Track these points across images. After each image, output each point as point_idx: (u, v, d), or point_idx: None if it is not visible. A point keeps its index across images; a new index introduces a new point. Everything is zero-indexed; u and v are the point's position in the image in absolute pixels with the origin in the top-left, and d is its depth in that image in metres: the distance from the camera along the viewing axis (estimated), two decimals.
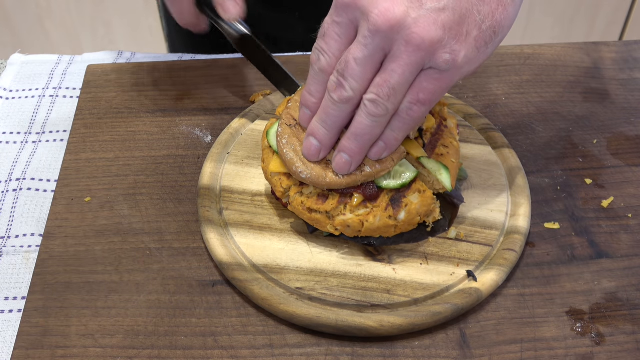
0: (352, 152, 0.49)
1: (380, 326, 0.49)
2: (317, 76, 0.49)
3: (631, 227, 0.58)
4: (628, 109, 0.69)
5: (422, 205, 0.52)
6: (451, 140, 0.56)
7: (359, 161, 0.50)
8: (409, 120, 0.48)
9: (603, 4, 1.84)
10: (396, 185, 0.52)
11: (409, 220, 0.52)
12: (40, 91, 0.72)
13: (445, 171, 0.53)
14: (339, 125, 0.50)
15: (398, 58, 0.45)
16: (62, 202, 0.60)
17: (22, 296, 0.54)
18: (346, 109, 0.48)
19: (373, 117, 0.47)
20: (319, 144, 0.51)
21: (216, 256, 0.54)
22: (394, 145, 0.50)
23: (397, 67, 0.45)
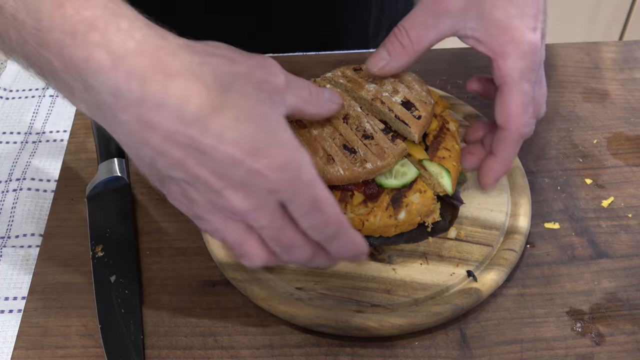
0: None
1: (380, 326, 0.49)
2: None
3: (631, 227, 0.58)
4: (628, 109, 0.69)
5: (423, 205, 0.52)
6: (453, 144, 0.56)
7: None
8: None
9: (603, 4, 1.85)
10: (397, 185, 0.52)
11: (409, 220, 0.52)
12: (40, 91, 0.72)
13: (447, 174, 0.53)
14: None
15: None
16: (62, 202, 0.60)
17: (22, 296, 0.54)
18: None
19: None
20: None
21: (216, 256, 0.54)
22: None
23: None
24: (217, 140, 0.39)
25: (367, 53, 0.77)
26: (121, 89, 0.38)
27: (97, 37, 0.37)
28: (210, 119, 0.38)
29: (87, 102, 0.40)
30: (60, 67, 0.38)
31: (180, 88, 0.38)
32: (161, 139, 0.39)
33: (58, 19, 0.37)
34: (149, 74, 0.38)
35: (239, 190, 0.41)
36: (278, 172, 0.40)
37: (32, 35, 0.38)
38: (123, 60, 0.37)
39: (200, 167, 0.40)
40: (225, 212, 0.43)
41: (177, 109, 0.38)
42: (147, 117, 0.38)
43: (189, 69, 0.38)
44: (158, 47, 0.38)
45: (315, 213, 0.43)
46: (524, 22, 0.50)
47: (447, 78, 0.72)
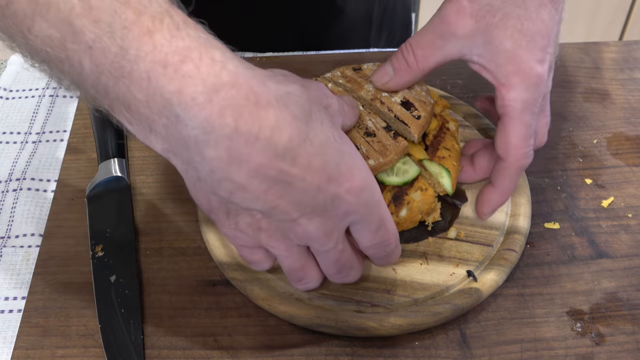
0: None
1: (380, 326, 0.49)
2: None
3: (631, 227, 0.58)
4: (628, 109, 0.69)
5: (424, 203, 0.52)
6: (453, 143, 0.56)
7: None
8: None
9: (603, 4, 1.85)
10: (399, 182, 0.52)
11: (410, 217, 0.52)
12: (40, 91, 0.72)
13: (447, 174, 0.53)
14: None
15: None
16: (62, 202, 0.60)
17: (22, 296, 0.54)
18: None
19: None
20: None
21: (216, 256, 0.54)
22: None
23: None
24: (305, 170, 0.39)
25: (367, 53, 0.77)
26: (214, 123, 0.36)
27: (191, 69, 0.35)
28: (300, 149, 0.38)
29: (168, 137, 0.38)
30: (143, 98, 0.36)
31: (272, 119, 0.37)
32: (249, 172, 0.38)
33: (148, 49, 0.35)
34: (243, 107, 0.36)
35: (315, 216, 0.41)
36: (357, 195, 0.41)
37: (113, 64, 0.35)
38: (218, 93, 0.36)
39: (282, 197, 0.39)
40: (294, 238, 0.43)
41: (269, 141, 0.37)
42: (238, 151, 0.37)
43: (277, 99, 0.38)
44: (250, 78, 0.37)
45: (381, 230, 0.45)
46: (532, 53, 0.50)
47: (447, 78, 0.72)
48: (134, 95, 0.36)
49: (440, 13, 0.52)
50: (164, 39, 0.35)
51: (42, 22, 0.35)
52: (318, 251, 0.45)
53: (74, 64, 0.36)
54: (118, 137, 0.63)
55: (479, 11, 0.50)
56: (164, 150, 0.39)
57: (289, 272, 0.47)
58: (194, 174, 0.39)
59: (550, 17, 0.50)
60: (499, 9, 0.49)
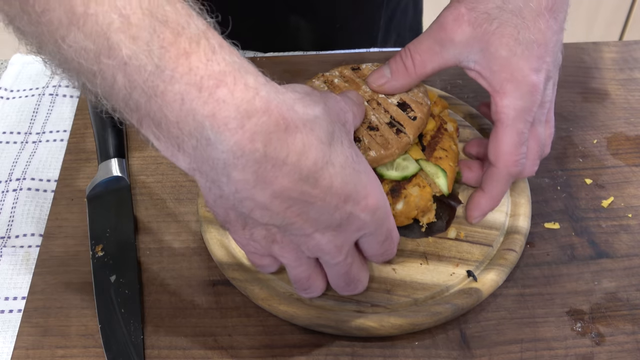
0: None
1: (380, 326, 0.49)
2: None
3: (631, 227, 0.58)
4: (628, 109, 0.69)
5: (421, 199, 0.53)
6: (450, 144, 0.56)
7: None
8: None
9: (603, 4, 1.85)
10: (398, 177, 0.52)
11: (406, 212, 0.52)
12: (40, 90, 0.72)
13: (443, 175, 0.53)
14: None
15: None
16: (62, 202, 0.60)
17: (22, 296, 0.54)
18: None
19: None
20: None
21: (216, 256, 0.54)
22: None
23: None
24: (325, 191, 0.40)
25: (367, 53, 0.77)
26: (244, 148, 0.36)
27: (226, 94, 0.36)
28: (322, 172, 0.39)
29: (196, 157, 0.38)
30: (174, 119, 0.36)
31: (299, 144, 0.38)
32: (273, 194, 0.39)
33: (183, 70, 0.35)
34: (273, 133, 0.37)
35: (329, 231, 0.42)
36: (372, 213, 0.43)
37: (147, 82, 0.35)
38: (250, 119, 0.36)
39: (301, 215, 0.40)
40: (306, 251, 0.44)
41: (295, 165, 0.38)
42: (265, 174, 0.38)
43: (304, 123, 0.38)
44: (281, 104, 0.38)
45: (387, 241, 0.46)
46: (528, 61, 0.50)
47: (448, 78, 0.72)
48: (165, 114, 0.36)
49: (439, 20, 0.52)
50: (200, 61, 0.35)
51: (78, 33, 0.34)
52: (328, 263, 0.46)
53: (106, 77, 0.36)
54: (118, 137, 0.63)
55: (476, 19, 0.50)
56: (190, 169, 0.39)
57: (296, 281, 0.48)
58: (217, 191, 0.40)
59: (547, 26, 0.50)
60: (496, 17, 0.50)
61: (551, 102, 0.55)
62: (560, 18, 0.51)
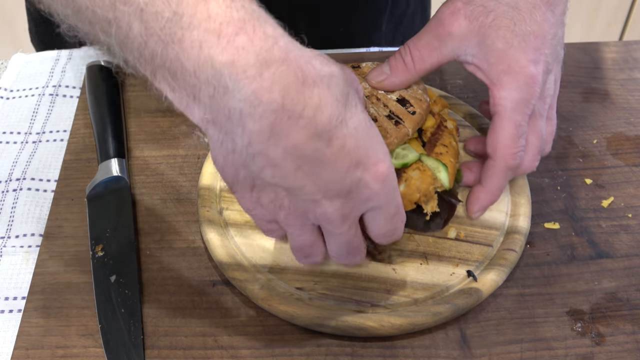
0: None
1: (380, 326, 0.49)
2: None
3: (631, 227, 0.58)
4: (628, 109, 0.69)
5: (422, 182, 0.52)
6: (450, 140, 0.56)
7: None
8: None
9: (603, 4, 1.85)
10: (397, 165, 0.52)
11: (408, 194, 0.52)
12: (40, 90, 0.72)
13: (444, 169, 0.53)
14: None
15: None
16: (62, 202, 0.60)
17: (22, 296, 0.54)
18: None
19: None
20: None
21: (216, 256, 0.54)
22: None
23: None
24: (338, 151, 0.39)
25: (368, 52, 0.77)
26: (262, 98, 0.36)
27: (245, 42, 0.35)
28: (336, 130, 0.38)
29: (212, 107, 0.37)
30: (192, 67, 0.36)
31: (316, 99, 0.37)
32: (286, 149, 0.38)
33: (202, 17, 0.35)
34: (292, 84, 0.36)
35: (338, 199, 0.41)
36: (381, 182, 0.42)
37: (164, 29, 0.35)
38: (269, 68, 0.36)
39: (311, 177, 0.40)
40: (312, 218, 0.43)
41: (311, 120, 0.37)
42: (280, 126, 0.37)
43: (321, 79, 0.38)
44: (299, 56, 0.37)
45: (395, 217, 0.45)
46: (525, 53, 0.50)
47: (448, 78, 0.72)
48: (182, 62, 0.36)
49: (437, 15, 0.52)
50: (219, 8, 0.35)
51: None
52: (331, 232, 0.45)
53: (122, 26, 0.36)
54: (118, 137, 0.63)
55: (472, 12, 0.50)
56: (203, 120, 0.39)
57: (298, 248, 0.47)
58: (229, 145, 0.39)
59: (544, 18, 0.50)
60: (492, 10, 0.50)
61: (553, 97, 0.55)
62: (558, 11, 0.51)
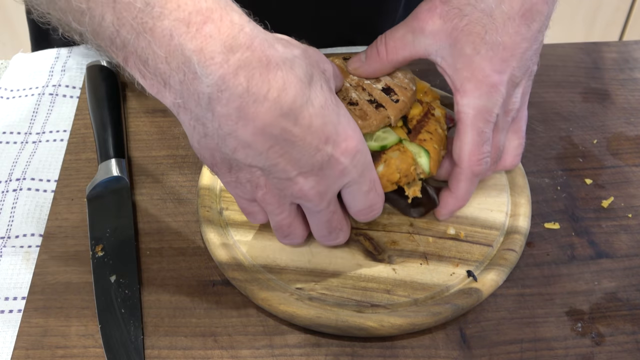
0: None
1: (380, 326, 0.49)
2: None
3: (631, 227, 0.58)
4: (628, 109, 0.69)
5: (402, 162, 0.52)
6: (436, 127, 0.55)
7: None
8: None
9: (603, 4, 1.85)
10: (376, 147, 0.52)
11: (387, 174, 0.52)
12: (40, 90, 0.72)
13: (425, 154, 0.53)
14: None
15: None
16: (62, 202, 0.60)
17: (22, 296, 0.54)
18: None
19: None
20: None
21: (216, 256, 0.54)
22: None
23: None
24: (305, 129, 0.41)
25: None
26: (228, 82, 0.38)
27: (212, 30, 0.38)
28: (302, 110, 0.41)
29: (182, 92, 0.40)
30: (163, 54, 0.38)
31: (280, 81, 0.39)
32: (255, 130, 0.40)
33: (172, 7, 0.37)
34: (256, 69, 0.39)
35: (312, 175, 0.44)
36: (352, 157, 0.44)
37: (136, 19, 0.37)
38: (235, 54, 0.38)
39: (283, 156, 0.42)
40: (289, 196, 0.46)
41: (276, 101, 0.39)
42: (247, 109, 0.39)
43: (284, 61, 0.40)
44: (263, 41, 0.40)
45: (372, 192, 0.47)
46: (490, 63, 0.50)
47: None
48: (153, 50, 0.38)
49: (415, 10, 0.53)
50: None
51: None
52: (311, 211, 0.47)
53: (95, 15, 0.38)
54: (118, 137, 0.63)
55: (447, 13, 0.50)
56: (175, 104, 0.41)
57: (277, 228, 0.49)
58: (201, 129, 0.41)
59: (516, 31, 0.49)
60: (467, 15, 0.50)
61: (519, 111, 0.54)
62: (534, 27, 0.50)
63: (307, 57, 0.43)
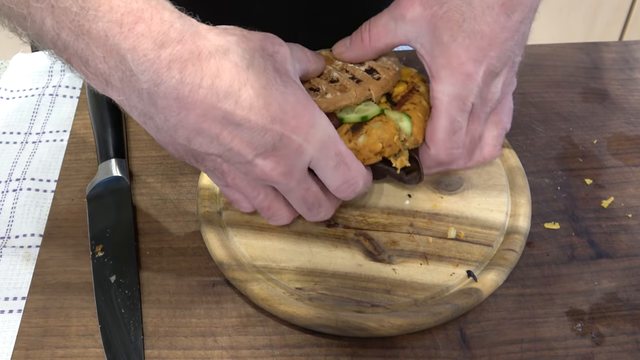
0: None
1: (380, 326, 0.49)
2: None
3: (631, 227, 0.58)
4: (628, 109, 0.69)
5: (384, 131, 0.51)
6: (420, 100, 0.55)
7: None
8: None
9: (603, 4, 1.85)
10: (357, 118, 0.52)
11: (369, 144, 0.51)
12: (40, 90, 0.72)
13: (407, 119, 0.52)
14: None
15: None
16: (62, 202, 0.60)
17: (22, 296, 0.54)
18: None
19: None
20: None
21: (216, 256, 0.54)
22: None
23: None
24: (248, 110, 0.42)
25: None
26: (162, 76, 0.40)
27: (143, 29, 0.40)
28: (240, 92, 0.42)
29: (124, 90, 0.42)
30: (101, 55, 0.40)
31: (213, 68, 0.41)
32: (197, 117, 0.42)
33: (105, 9, 0.39)
34: (188, 60, 0.40)
35: (270, 156, 0.45)
36: (305, 133, 0.45)
37: (73, 22, 0.39)
38: (166, 49, 0.40)
39: (234, 139, 0.43)
40: (257, 179, 0.47)
41: (211, 88, 0.41)
42: (185, 99, 0.41)
43: (218, 50, 0.42)
44: (194, 34, 0.41)
45: (341, 168, 0.48)
46: (467, 51, 0.49)
47: None
48: (92, 51, 0.40)
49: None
50: (120, 0, 0.39)
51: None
52: (284, 190, 0.49)
53: (36, 20, 0.40)
54: (118, 137, 0.63)
55: (428, 0, 0.50)
56: (121, 102, 0.43)
57: (260, 210, 0.51)
58: (152, 124, 0.44)
59: (495, 20, 0.49)
60: (446, 2, 0.49)
61: (499, 102, 0.53)
62: (516, 18, 0.49)
63: (246, 42, 0.44)
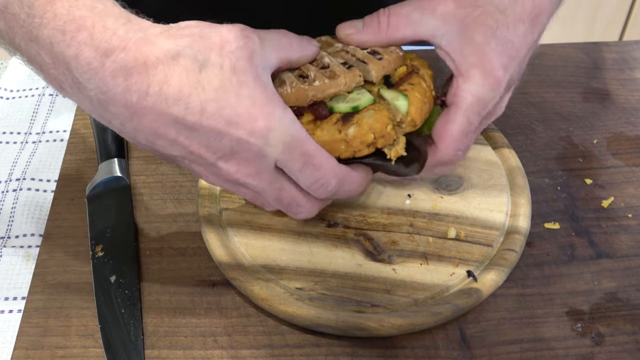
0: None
1: (380, 326, 0.49)
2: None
3: (631, 227, 0.58)
4: (628, 109, 0.69)
5: (376, 121, 0.49)
6: (420, 81, 0.53)
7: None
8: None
9: (603, 4, 1.85)
10: (347, 108, 0.49)
11: (360, 135, 0.49)
12: (40, 90, 0.72)
13: (403, 97, 0.50)
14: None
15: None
16: (62, 202, 0.60)
17: (22, 296, 0.54)
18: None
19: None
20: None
21: (216, 256, 0.54)
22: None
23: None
24: (199, 116, 0.41)
25: None
26: (108, 84, 0.40)
27: (85, 37, 0.39)
28: (191, 97, 0.41)
29: (77, 96, 0.42)
30: (50, 61, 0.40)
31: (160, 74, 0.40)
32: (151, 122, 0.41)
33: (50, 16, 0.39)
34: (133, 68, 0.40)
35: (231, 159, 0.44)
36: (263, 137, 0.43)
37: (22, 29, 0.40)
38: (109, 57, 0.39)
39: (192, 143, 0.43)
40: (227, 181, 0.46)
41: (159, 94, 0.40)
42: (134, 105, 0.40)
43: (166, 55, 0.40)
44: (139, 40, 0.40)
45: (309, 168, 0.46)
46: (499, 56, 0.49)
47: None
48: (42, 57, 0.40)
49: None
50: (64, 8, 0.39)
51: None
52: (257, 191, 0.48)
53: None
54: (118, 137, 0.63)
55: (462, 0, 0.49)
56: (82, 106, 0.43)
57: (253, 202, 0.51)
58: (115, 127, 0.43)
59: (524, 34, 0.49)
60: (481, 6, 0.49)
61: (496, 116, 0.54)
62: (537, 31, 0.50)
63: (201, 42, 0.42)
